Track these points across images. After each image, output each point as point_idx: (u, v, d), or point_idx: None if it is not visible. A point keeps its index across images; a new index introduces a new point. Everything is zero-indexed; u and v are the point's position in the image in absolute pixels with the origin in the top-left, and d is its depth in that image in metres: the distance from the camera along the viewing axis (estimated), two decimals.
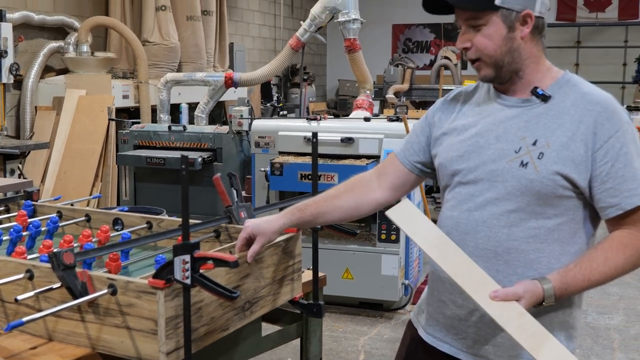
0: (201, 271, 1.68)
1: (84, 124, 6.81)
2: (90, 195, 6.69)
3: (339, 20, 5.55)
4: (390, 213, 1.87)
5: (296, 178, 4.81)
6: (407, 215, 1.85)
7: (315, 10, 5.62)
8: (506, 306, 1.63)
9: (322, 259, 5.38)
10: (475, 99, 1.92)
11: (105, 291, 1.75)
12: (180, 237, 2.21)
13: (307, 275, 2.44)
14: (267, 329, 2.44)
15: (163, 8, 7.87)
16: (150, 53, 7.71)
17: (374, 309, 5.05)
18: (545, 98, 1.77)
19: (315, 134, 2.18)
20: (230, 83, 5.79)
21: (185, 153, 5.59)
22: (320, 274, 2.57)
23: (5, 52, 6.25)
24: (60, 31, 7.62)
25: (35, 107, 7.17)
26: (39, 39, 7.40)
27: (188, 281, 1.65)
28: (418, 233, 1.81)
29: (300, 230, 2.24)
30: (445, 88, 10.26)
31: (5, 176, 6.08)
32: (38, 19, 7.25)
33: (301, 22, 5.87)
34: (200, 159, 5.50)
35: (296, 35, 5.73)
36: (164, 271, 1.68)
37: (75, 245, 2.20)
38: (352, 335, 4.66)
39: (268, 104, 10.00)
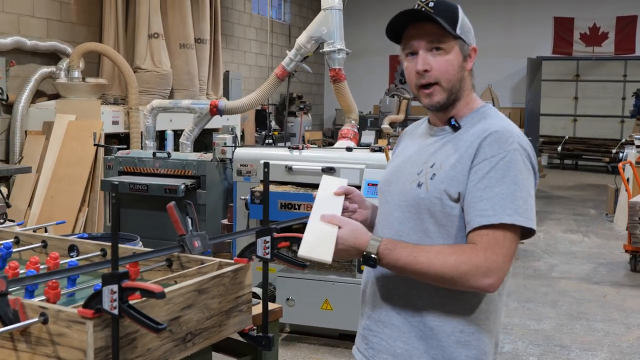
0: (131, 302, 1.64)
1: (73, 149, 6.83)
2: (76, 221, 6.68)
3: (324, 50, 5.57)
4: (325, 177, 2.07)
5: (276, 207, 4.78)
6: (331, 183, 2.04)
7: (300, 40, 5.64)
8: (325, 225, 1.82)
9: (301, 289, 5.25)
10: (419, 130, 2.08)
11: (35, 320, 1.72)
12: (127, 265, 2.18)
13: (272, 306, 2.41)
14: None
15: (156, 36, 7.93)
16: (142, 80, 7.75)
17: (355, 340, 4.97)
18: (455, 128, 1.90)
19: (267, 164, 2.16)
20: (215, 111, 5.79)
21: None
22: (275, 306, 2.53)
23: None
24: (52, 56, 7.68)
25: (25, 131, 7.19)
26: (31, 64, 7.45)
27: (116, 311, 1.61)
28: (321, 188, 2.01)
29: (251, 260, 2.21)
30: None
31: None
32: (30, 45, 7.30)
33: (287, 51, 5.89)
34: (183, 186, 5.48)
35: (282, 65, 5.75)
36: (94, 301, 1.65)
37: (21, 271, 2.17)
38: None
39: (263, 132, 10.02)
